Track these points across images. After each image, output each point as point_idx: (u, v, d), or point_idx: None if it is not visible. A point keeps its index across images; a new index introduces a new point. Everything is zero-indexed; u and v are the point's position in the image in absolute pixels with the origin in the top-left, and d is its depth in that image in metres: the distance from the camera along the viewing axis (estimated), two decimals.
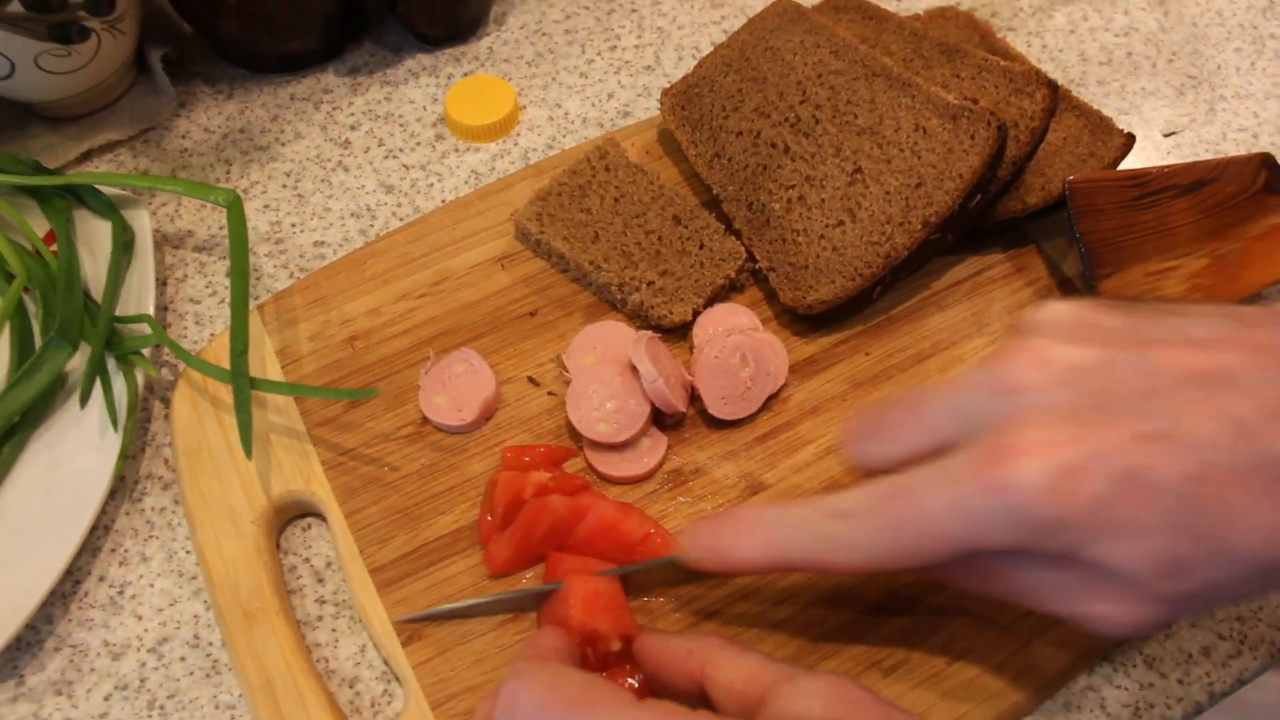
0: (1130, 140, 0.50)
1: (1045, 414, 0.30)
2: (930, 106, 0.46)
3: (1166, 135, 0.56)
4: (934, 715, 0.39)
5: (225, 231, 0.53)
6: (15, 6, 0.48)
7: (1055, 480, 0.29)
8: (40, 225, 0.52)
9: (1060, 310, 0.32)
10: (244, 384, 0.43)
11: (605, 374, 0.44)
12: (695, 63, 0.59)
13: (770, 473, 0.44)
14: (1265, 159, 0.50)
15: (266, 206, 0.54)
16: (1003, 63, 0.48)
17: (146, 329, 0.48)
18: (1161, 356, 0.30)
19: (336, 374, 0.47)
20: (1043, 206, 0.49)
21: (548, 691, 0.30)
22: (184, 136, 0.56)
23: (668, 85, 0.57)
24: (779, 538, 0.34)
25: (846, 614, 0.41)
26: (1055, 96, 0.47)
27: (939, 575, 0.35)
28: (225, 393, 0.46)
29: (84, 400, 0.45)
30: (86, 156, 0.56)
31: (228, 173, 0.55)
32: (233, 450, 0.45)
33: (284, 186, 0.54)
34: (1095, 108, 0.51)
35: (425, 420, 0.45)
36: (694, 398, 0.45)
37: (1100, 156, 0.49)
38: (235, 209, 0.48)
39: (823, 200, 0.47)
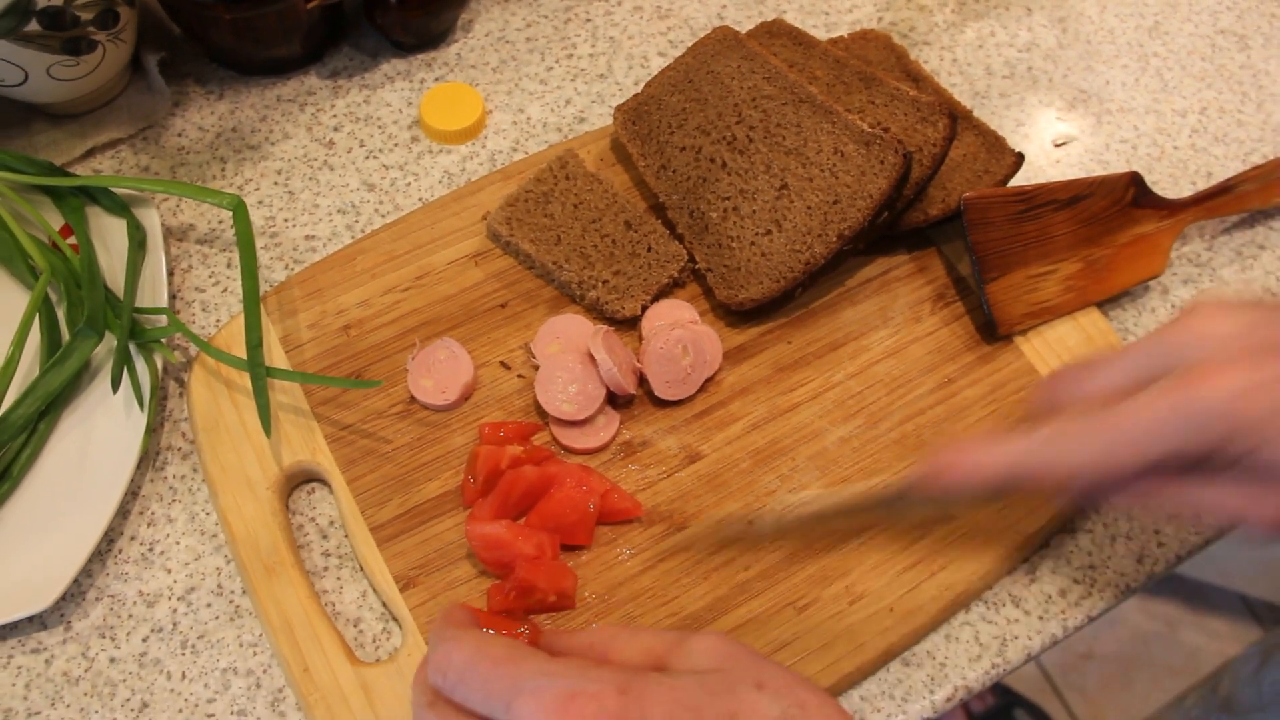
0: (1020, 159, 0.61)
1: (1232, 350, 0.40)
2: (847, 132, 0.57)
3: (1057, 145, 0.67)
4: (837, 646, 0.51)
5: (224, 225, 0.62)
6: (33, 26, 0.56)
7: (1243, 391, 0.39)
8: (54, 220, 0.60)
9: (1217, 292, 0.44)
10: (260, 373, 0.53)
11: (568, 362, 0.54)
12: (643, 72, 0.68)
13: (706, 444, 0.55)
14: (1133, 177, 0.61)
15: (260, 202, 0.63)
16: (911, 93, 0.59)
17: (163, 319, 0.57)
18: None
19: (334, 359, 0.56)
20: (942, 217, 0.60)
21: (475, 651, 0.37)
22: (180, 135, 0.65)
23: (619, 92, 0.66)
24: (1017, 449, 0.42)
25: (767, 562, 0.52)
26: (955, 126, 0.57)
27: (1118, 495, 0.45)
28: (236, 375, 0.56)
29: (116, 384, 0.54)
30: (90, 153, 0.64)
31: (223, 170, 0.64)
32: (246, 426, 0.55)
33: (275, 184, 0.63)
34: (992, 128, 0.62)
35: (413, 399, 0.55)
36: (642, 381, 0.56)
37: (994, 173, 0.60)
38: (240, 212, 0.57)
39: (754, 211, 0.57)
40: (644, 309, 0.57)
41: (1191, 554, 0.57)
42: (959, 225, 0.59)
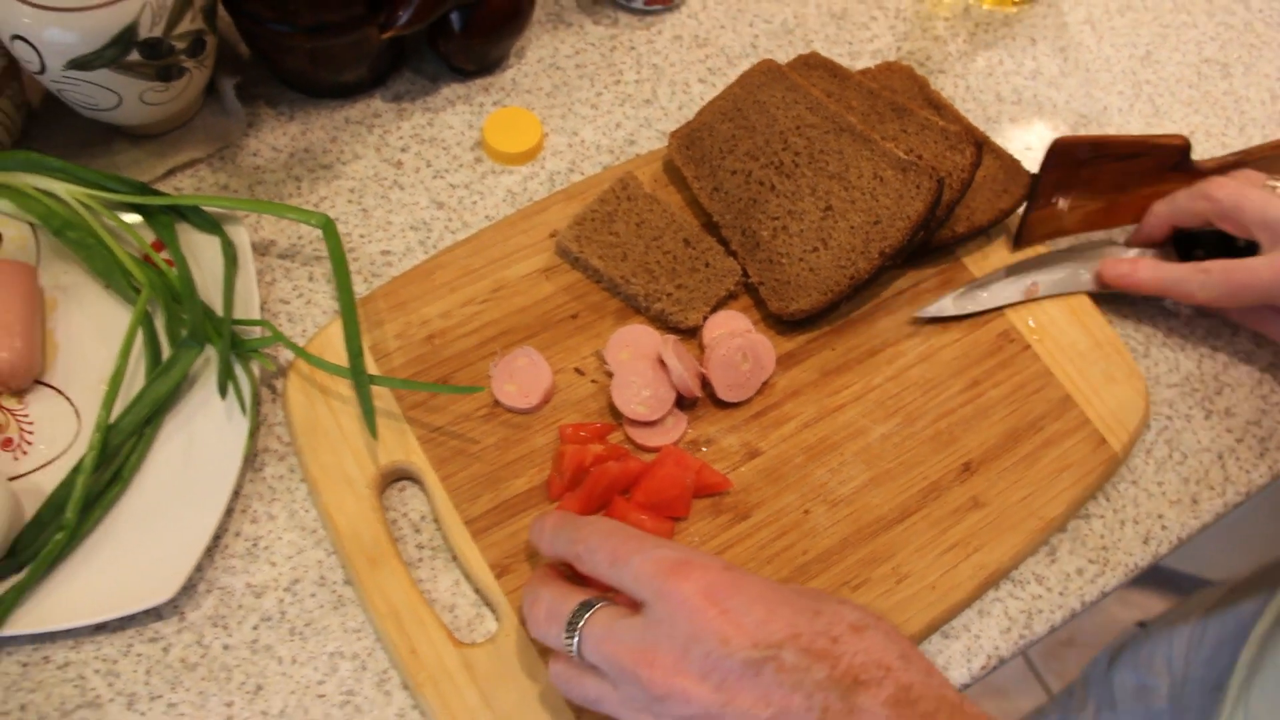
0: (1035, 179, 0.68)
1: None
2: (885, 159, 0.63)
3: None
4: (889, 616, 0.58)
5: (304, 241, 0.67)
6: (133, 56, 0.61)
7: None
8: (145, 236, 0.65)
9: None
10: (364, 380, 0.58)
11: (640, 367, 0.60)
12: (685, 97, 0.74)
13: (764, 442, 0.62)
14: (1185, 145, 0.68)
15: (336, 219, 0.68)
16: (940, 123, 0.65)
17: (258, 331, 0.62)
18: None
19: (420, 366, 0.62)
20: (968, 233, 0.67)
21: (613, 528, 0.50)
22: (255, 155, 0.69)
23: (664, 116, 0.72)
24: (1167, 273, 0.66)
25: (823, 546, 0.59)
26: (980, 153, 0.64)
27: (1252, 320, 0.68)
28: (330, 380, 0.61)
29: (223, 391, 0.59)
30: (170, 172, 0.68)
31: (299, 188, 0.68)
32: (342, 429, 0.60)
33: (350, 202, 0.68)
34: (1009, 151, 0.69)
35: (497, 403, 0.61)
36: (704, 384, 0.62)
37: (1012, 193, 0.67)
38: (330, 230, 0.62)
39: (801, 230, 0.64)
40: (704, 319, 0.63)
41: (1191, 537, 0.65)
42: (981, 240, 0.66)
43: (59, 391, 0.61)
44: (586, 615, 0.48)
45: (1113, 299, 0.70)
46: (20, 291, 0.61)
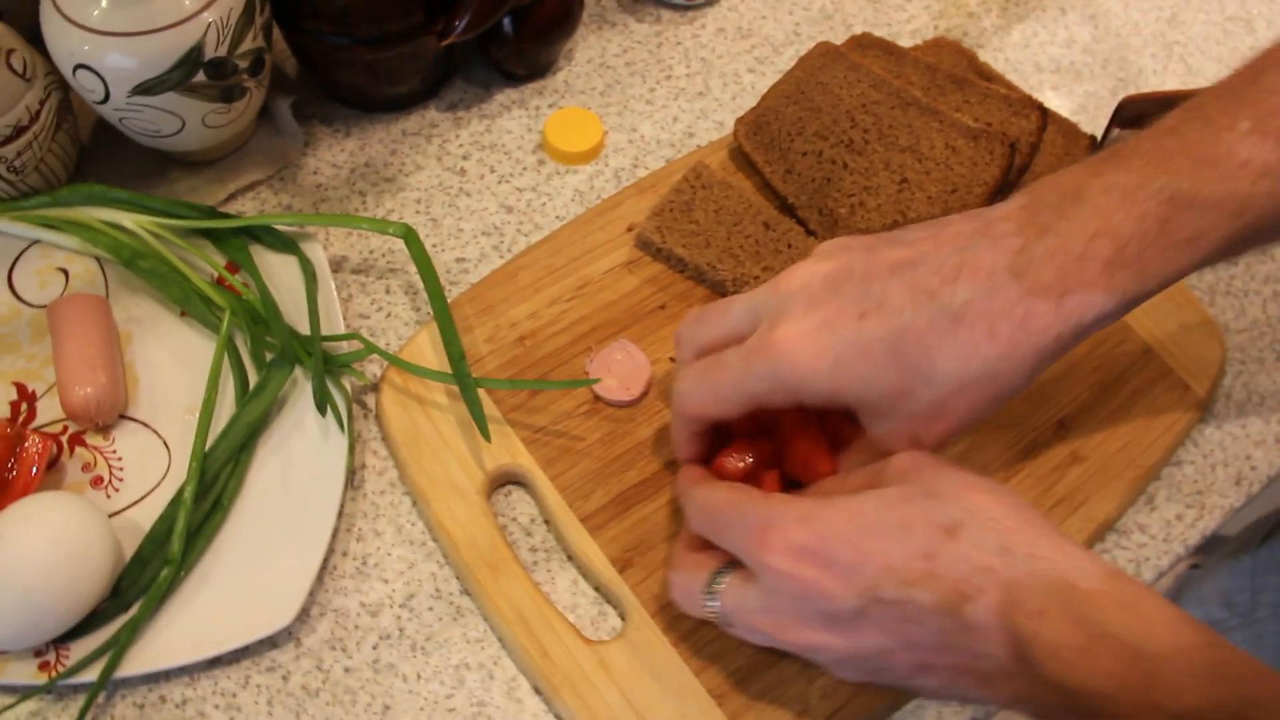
0: (1093, 140, 0.68)
1: (801, 305, 0.47)
2: (955, 129, 0.63)
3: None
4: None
5: (376, 254, 0.65)
6: (199, 77, 0.59)
7: (804, 352, 0.46)
8: (216, 259, 0.63)
9: (827, 243, 0.51)
10: (470, 383, 0.57)
11: None
12: (737, 87, 0.74)
13: None
14: None
15: None
16: (1002, 90, 0.65)
17: (344, 346, 0.60)
18: (880, 257, 0.47)
19: (515, 368, 0.60)
20: None
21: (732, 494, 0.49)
22: (315, 173, 0.68)
23: (719, 107, 0.72)
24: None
25: None
26: (1045, 117, 0.64)
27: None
28: (425, 389, 0.59)
29: (322, 409, 0.57)
30: (231, 196, 0.66)
31: (364, 202, 0.67)
32: (444, 437, 0.58)
33: (417, 213, 0.67)
34: (1064, 116, 0.69)
35: (597, 399, 0.60)
36: None
37: (1074, 154, 0.68)
38: (412, 238, 0.60)
39: (879, 204, 0.63)
40: None
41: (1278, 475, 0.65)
42: None
43: (145, 425, 0.59)
44: (719, 586, 0.48)
45: None
46: (97, 325, 0.59)
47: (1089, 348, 0.65)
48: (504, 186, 0.68)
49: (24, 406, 0.59)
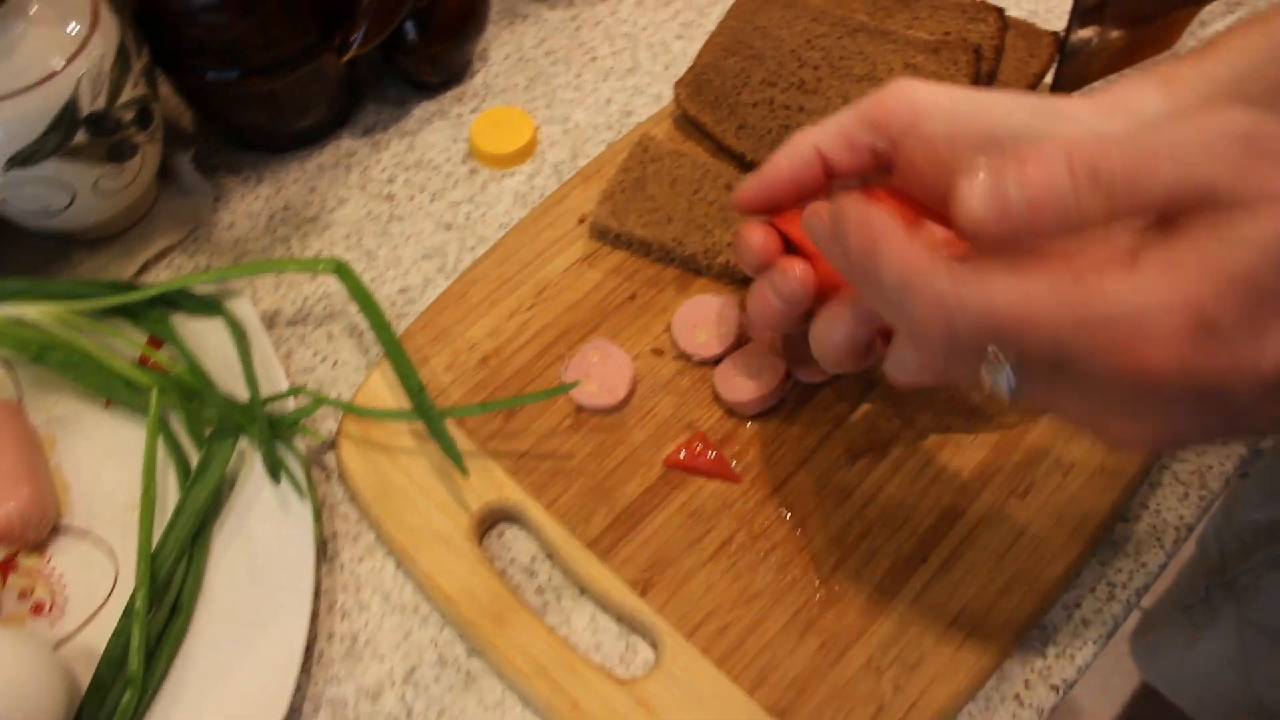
0: (1057, 37, 0.62)
1: None
2: (912, 46, 0.56)
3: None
4: (1069, 516, 0.50)
5: (310, 301, 0.58)
6: (80, 137, 0.52)
7: None
8: (136, 336, 0.55)
9: None
10: (434, 416, 0.49)
11: (751, 355, 0.53)
12: (669, 56, 0.67)
13: (876, 369, 0.54)
14: None
15: None
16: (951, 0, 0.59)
17: (291, 404, 0.53)
18: None
19: (483, 392, 0.53)
20: None
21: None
22: (231, 227, 0.61)
23: (651, 81, 0.65)
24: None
25: (973, 459, 0.51)
26: (1004, 18, 0.58)
27: None
28: (388, 435, 0.52)
29: (276, 476, 0.50)
30: (144, 269, 0.59)
31: (289, 249, 0.60)
32: (417, 484, 0.51)
33: (349, 248, 0.60)
34: (1019, 19, 0.63)
35: (580, 409, 0.52)
36: None
37: (1039, 56, 0.61)
38: (345, 273, 0.53)
39: None
40: None
41: None
42: None
43: (83, 533, 0.51)
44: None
45: None
46: (11, 434, 0.51)
47: None
48: (438, 204, 0.61)
49: None
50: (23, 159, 0.51)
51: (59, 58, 0.51)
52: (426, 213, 0.61)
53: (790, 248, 0.44)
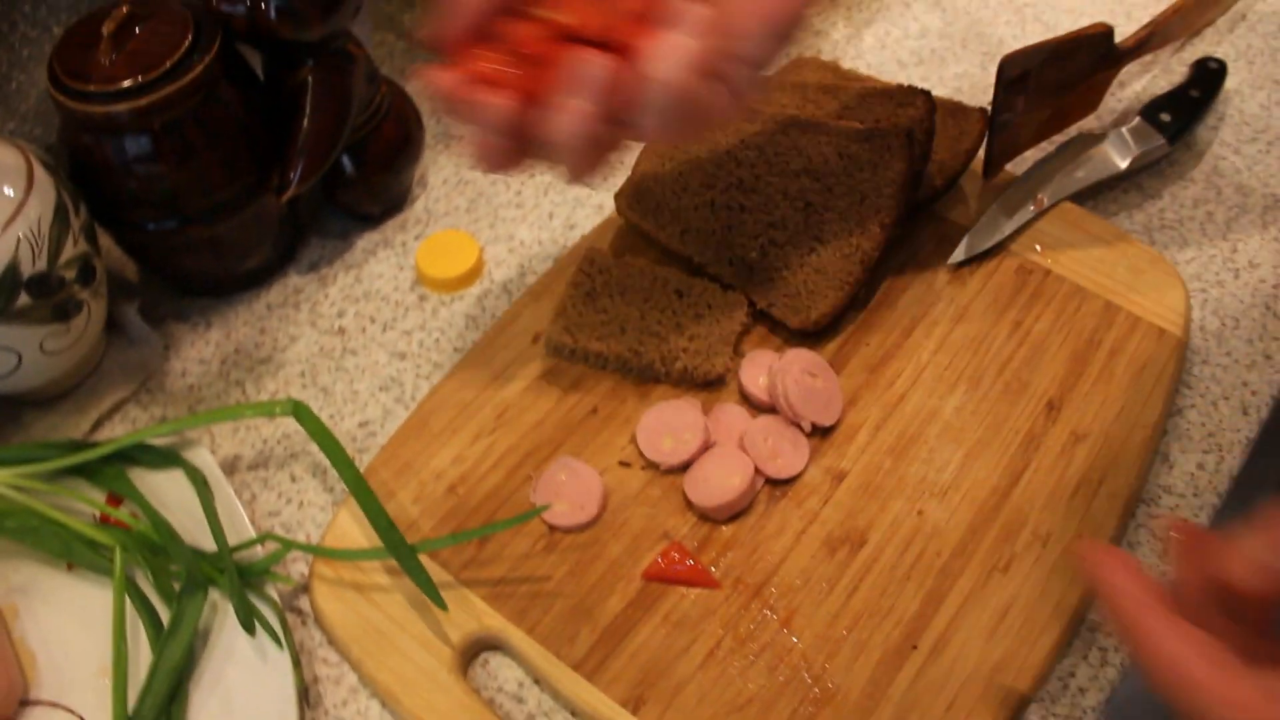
0: (984, 112, 0.65)
1: None
2: (844, 136, 0.60)
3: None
4: (1049, 584, 0.51)
5: (270, 443, 0.59)
6: (22, 300, 0.53)
7: None
8: (94, 495, 0.56)
9: None
10: (407, 553, 0.50)
11: (715, 459, 0.55)
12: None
13: (844, 461, 0.56)
14: (1109, 32, 0.65)
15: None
16: (878, 85, 0.63)
17: (259, 551, 0.53)
18: None
19: (453, 521, 0.54)
20: (944, 186, 0.63)
21: None
22: (184, 375, 0.62)
23: (591, 192, 0.68)
24: None
25: (953, 539, 0.53)
26: (931, 100, 0.62)
27: None
28: (360, 574, 0.53)
29: (250, 628, 0.50)
30: (97, 425, 0.60)
31: (244, 392, 0.61)
32: (396, 620, 0.51)
33: (304, 386, 0.61)
34: (945, 98, 0.67)
35: (553, 529, 0.54)
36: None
37: (969, 133, 0.65)
38: (303, 413, 0.54)
39: (790, 237, 0.59)
40: (728, 364, 0.58)
41: None
42: (953, 194, 0.64)
43: (54, 705, 0.51)
44: None
45: (1092, 196, 0.67)
46: None
47: (1051, 320, 0.61)
48: (390, 334, 0.63)
49: None
50: None
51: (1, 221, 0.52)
52: (379, 343, 0.63)
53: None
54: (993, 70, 0.61)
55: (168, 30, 0.57)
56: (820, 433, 0.56)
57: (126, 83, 0.55)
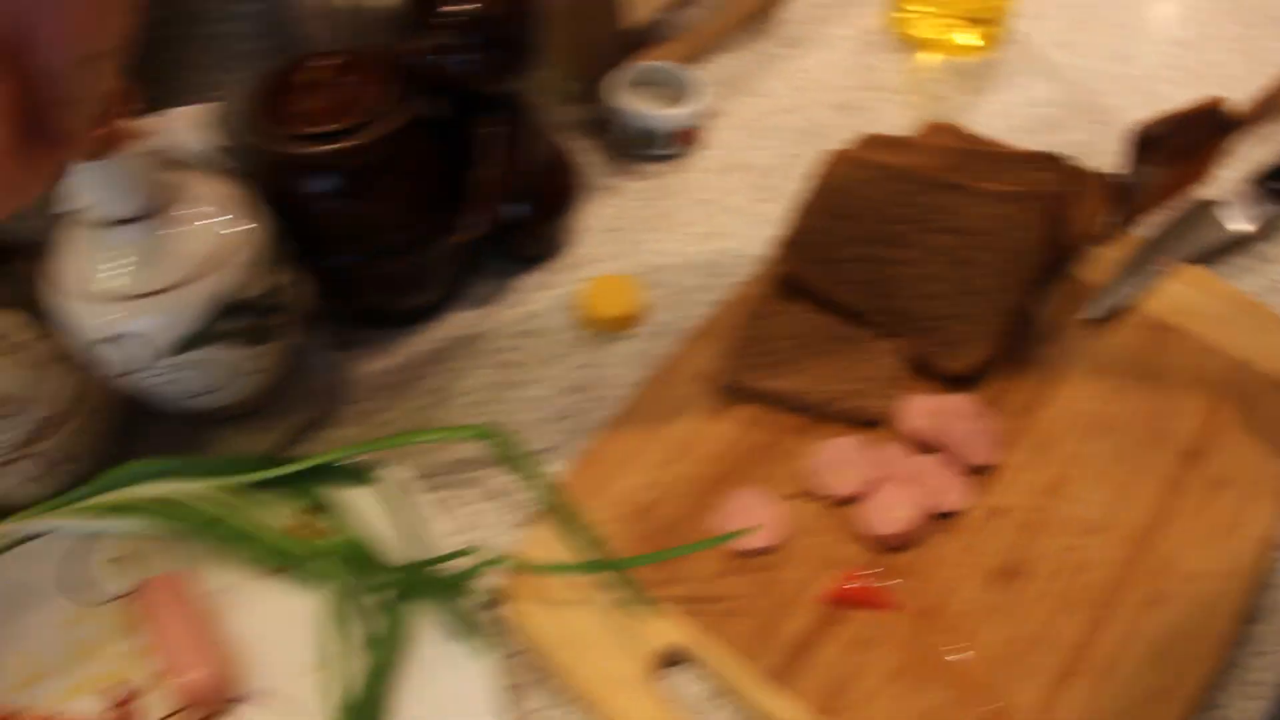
0: (1105, 177, 0.72)
1: None
2: (991, 198, 0.66)
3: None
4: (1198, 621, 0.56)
5: (448, 468, 0.64)
6: (235, 323, 0.58)
7: None
8: (285, 509, 0.60)
9: None
10: (613, 567, 0.55)
11: (889, 491, 0.60)
12: (750, 216, 0.77)
13: (998, 498, 0.61)
14: (1221, 103, 0.72)
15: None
16: (1014, 151, 0.69)
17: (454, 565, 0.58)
18: None
19: (641, 542, 0.59)
20: (1078, 245, 0.70)
21: None
22: (361, 401, 0.68)
23: (738, 243, 0.75)
24: None
25: (1106, 574, 0.58)
26: (1067, 164, 0.68)
27: None
28: (551, 589, 0.57)
29: (457, 637, 0.55)
30: (283, 445, 0.64)
31: (423, 418, 0.66)
32: (592, 632, 0.56)
33: (477, 416, 0.67)
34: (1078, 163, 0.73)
35: (736, 553, 0.58)
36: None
37: (1098, 198, 0.71)
38: (495, 436, 0.60)
39: (943, 290, 0.65)
40: (890, 404, 0.64)
41: None
42: (1085, 252, 0.70)
43: (265, 698, 0.55)
44: None
45: (1210, 259, 0.74)
46: (190, 603, 0.57)
47: (1188, 374, 0.66)
48: (556, 368, 0.69)
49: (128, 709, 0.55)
50: (182, 346, 0.57)
51: (221, 250, 0.57)
52: (548, 378, 0.69)
53: None
54: (1103, 137, 0.67)
55: (365, 78, 0.63)
56: (978, 471, 0.62)
57: (329, 127, 0.61)
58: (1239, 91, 0.83)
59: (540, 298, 0.73)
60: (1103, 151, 0.74)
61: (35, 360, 0.58)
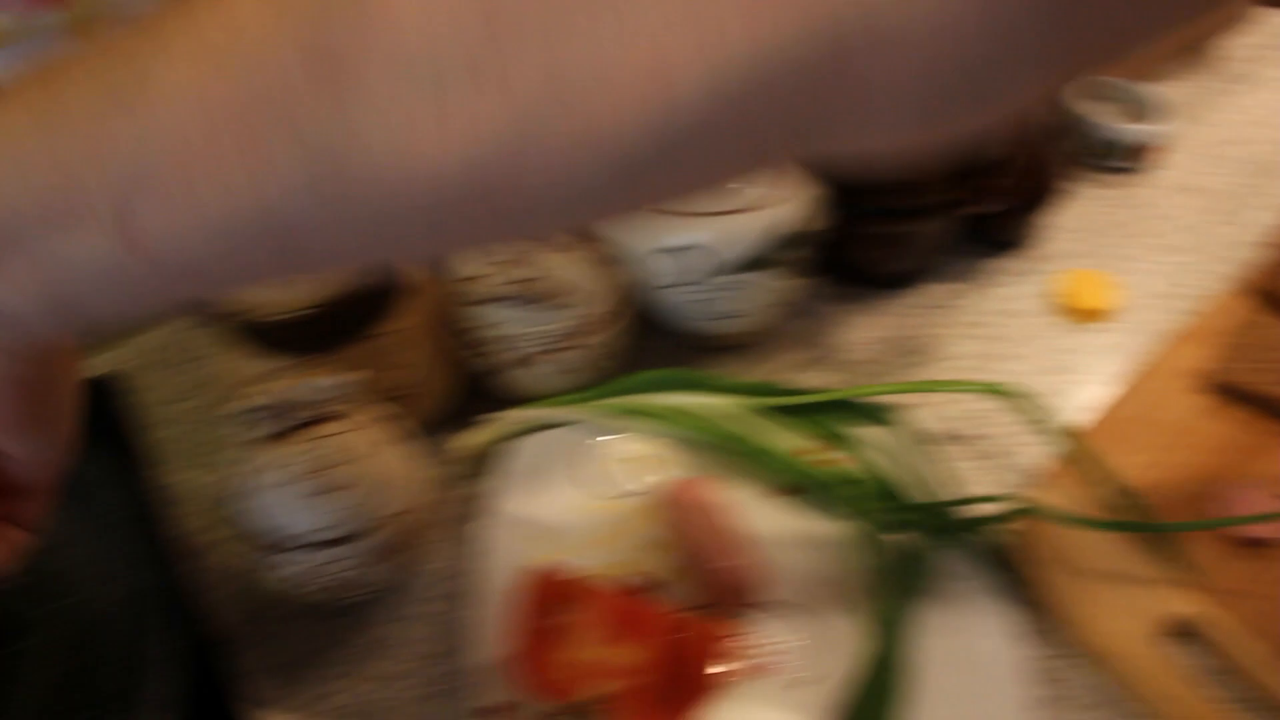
0: None
1: None
2: None
3: None
4: None
5: (948, 421, 0.68)
6: (787, 253, 0.63)
7: None
8: (792, 438, 0.65)
9: None
10: (1152, 528, 0.59)
11: None
12: (1213, 236, 0.79)
13: None
14: None
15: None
16: None
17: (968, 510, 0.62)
18: None
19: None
20: None
21: None
22: (848, 350, 0.73)
23: (1214, 260, 0.79)
24: None
25: None
26: None
27: None
28: (1068, 539, 0.60)
29: (979, 578, 0.59)
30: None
31: (903, 374, 0.71)
32: (1103, 588, 0.59)
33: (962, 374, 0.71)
34: None
35: (1241, 542, 0.61)
36: None
37: None
38: (1012, 393, 0.64)
39: None
40: None
41: None
42: None
43: (776, 607, 0.59)
44: None
45: None
46: (714, 506, 0.61)
47: None
48: (1038, 348, 0.73)
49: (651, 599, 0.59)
50: (742, 266, 0.63)
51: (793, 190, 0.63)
52: (1029, 356, 0.73)
53: None
54: None
55: None
56: None
57: None
58: None
59: (1015, 283, 0.78)
60: None
61: (589, 259, 0.64)
